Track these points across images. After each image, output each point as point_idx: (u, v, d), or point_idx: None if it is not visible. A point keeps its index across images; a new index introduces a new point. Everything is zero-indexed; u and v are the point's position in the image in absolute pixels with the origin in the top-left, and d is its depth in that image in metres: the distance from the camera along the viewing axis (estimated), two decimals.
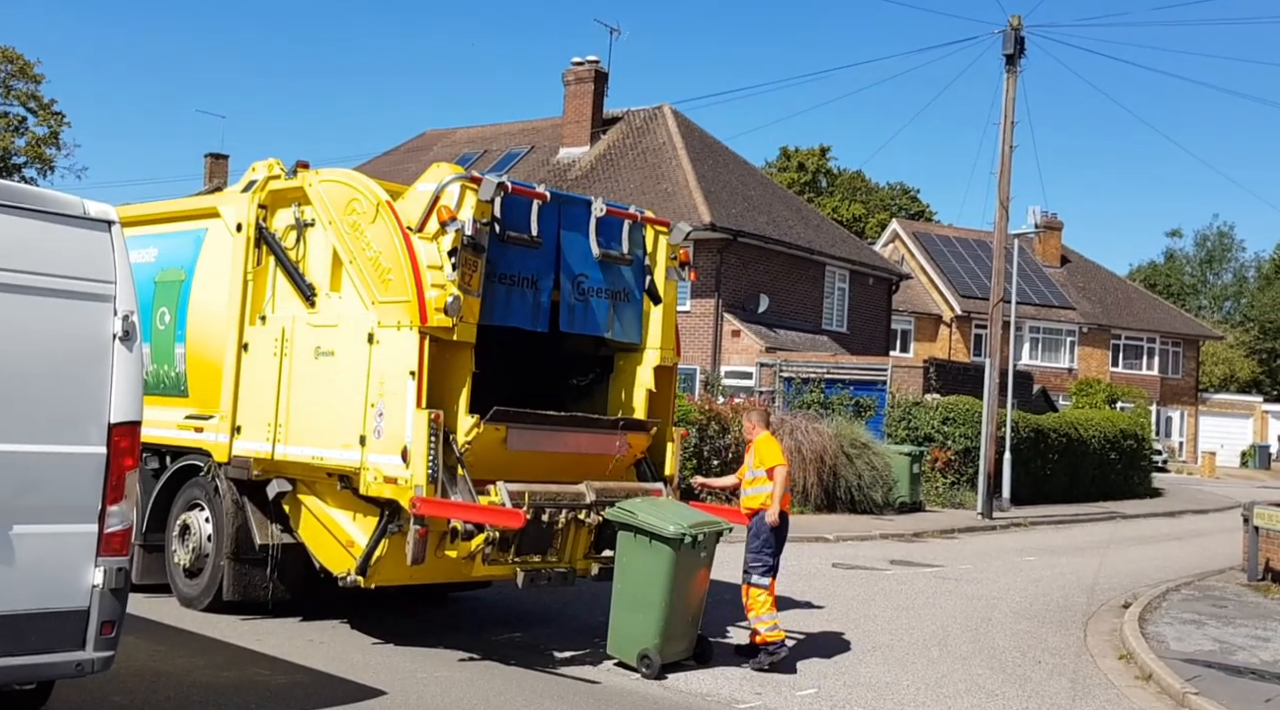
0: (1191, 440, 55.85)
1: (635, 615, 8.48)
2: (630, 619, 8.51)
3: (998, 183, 23.89)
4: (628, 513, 8.58)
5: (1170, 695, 8.75)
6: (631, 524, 8.51)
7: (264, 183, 9.65)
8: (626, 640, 8.54)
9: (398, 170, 31.03)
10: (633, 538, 8.52)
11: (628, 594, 8.55)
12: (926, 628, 11.11)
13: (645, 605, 8.43)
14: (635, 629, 8.48)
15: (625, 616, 8.55)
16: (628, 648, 8.53)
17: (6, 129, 46.54)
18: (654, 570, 8.40)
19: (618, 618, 8.60)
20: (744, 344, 28.96)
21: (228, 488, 9.49)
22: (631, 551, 8.54)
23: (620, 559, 8.66)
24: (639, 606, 8.46)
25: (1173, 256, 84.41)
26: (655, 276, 9.84)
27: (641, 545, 8.46)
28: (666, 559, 8.35)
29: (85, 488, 5.84)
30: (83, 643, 5.79)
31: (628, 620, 8.53)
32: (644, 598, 8.44)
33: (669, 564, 8.34)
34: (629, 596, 8.54)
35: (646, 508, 8.67)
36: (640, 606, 8.45)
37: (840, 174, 73.49)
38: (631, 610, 8.50)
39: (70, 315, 5.86)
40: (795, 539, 16.96)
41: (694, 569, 8.58)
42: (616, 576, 8.70)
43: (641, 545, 8.46)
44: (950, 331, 50.70)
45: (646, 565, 8.43)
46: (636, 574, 8.50)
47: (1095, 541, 20.66)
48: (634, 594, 8.51)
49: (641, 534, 8.45)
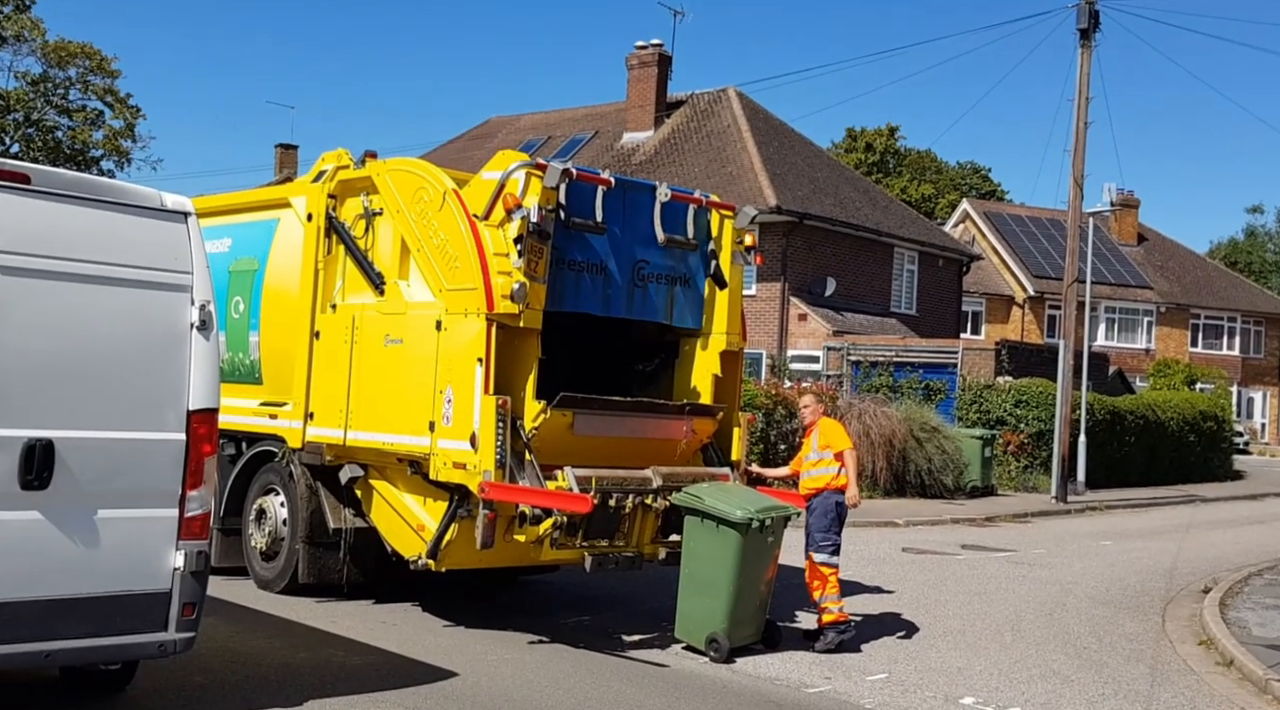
0: (1275, 422, 54.38)
1: (703, 599, 8.49)
2: (698, 603, 8.53)
3: (1071, 160, 23.41)
4: (695, 497, 8.59)
5: (1252, 682, 8.55)
6: (699, 509, 8.51)
7: (333, 173, 9.79)
8: (694, 624, 8.56)
9: (463, 158, 31.28)
10: (700, 522, 8.53)
11: (695, 578, 8.57)
12: (999, 613, 10.97)
13: (713, 589, 8.44)
14: (703, 613, 8.49)
15: (693, 601, 8.57)
16: (696, 631, 8.55)
17: (85, 123, 47.74)
18: (721, 554, 8.40)
19: (686, 602, 8.62)
20: (811, 328, 28.76)
21: (302, 473, 9.67)
22: (699, 536, 8.55)
23: (688, 543, 8.68)
24: (707, 591, 8.48)
25: (1254, 233, 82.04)
26: (721, 261, 9.80)
27: (709, 530, 8.47)
28: (734, 543, 8.34)
29: (166, 473, 5.99)
30: (165, 624, 5.95)
31: (696, 604, 8.54)
32: (711, 582, 8.45)
33: (736, 548, 8.34)
34: (697, 581, 8.56)
35: (714, 492, 8.67)
36: (708, 591, 8.47)
37: (909, 154, 72.48)
38: (699, 594, 8.52)
39: (149, 305, 6.00)
40: (864, 523, 16.91)
41: (762, 553, 8.57)
42: (684, 561, 8.72)
43: (709, 530, 8.47)
44: (1023, 313, 49.86)
45: (714, 550, 8.44)
46: (704, 558, 8.51)
47: (1173, 525, 20.22)
48: (701, 578, 8.52)
49: (709, 519, 8.45)
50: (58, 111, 47.34)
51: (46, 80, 46.60)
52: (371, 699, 6.82)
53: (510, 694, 7.23)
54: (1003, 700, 7.84)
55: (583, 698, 7.27)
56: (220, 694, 6.73)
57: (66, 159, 45.10)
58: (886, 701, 7.66)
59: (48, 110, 46.96)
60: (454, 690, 7.20)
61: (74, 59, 46.08)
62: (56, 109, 47.20)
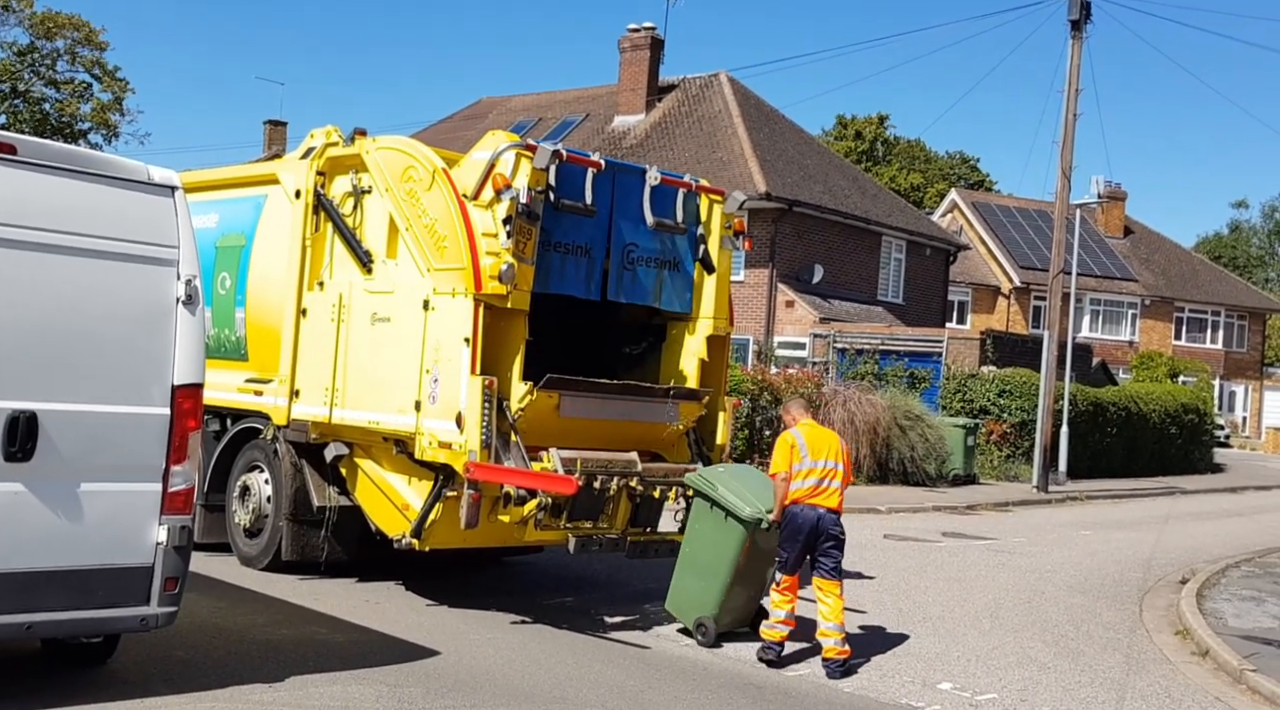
0: (1255, 415, 54.69)
1: (698, 582, 8.49)
2: (693, 584, 8.54)
3: (1060, 152, 23.47)
4: (709, 483, 8.50)
5: (1227, 672, 8.64)
6: (710, 495, 8.45)
7: (322, 150, 9.75)
8: (686, 603, 8.59)
9: (453, 138, 31.15)
10: (709, 508, 8.47)
11: (694, 559, 8.56)
12: (978, 600, 11.05)
13: (709, 574, 8.43)
14: (696, 595, 8.51)
15: (688, 581, 8.58)
16: (687, 611, 8.58)
17: (72, 95, 47.37)
18: (723, 545, 8.36)
19: (680, 579, 8.63)
20: (798, 314, 28.80)
21: (287, 450, 9.67)
22: (705, 520, 8.51)
23: (693, 524, 8.67)
24: (703, 574, 8.47)
25: (1238, 228, 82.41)
26: (709, 246, 9.81)
27: (716, 518, 8.41)
28: (737, 537, 8.29)
29: (150, 448, 5.99)
30: (147, 598, 5.97)
31: (690, 585, 8.56)
32: (709, 567, 8.44)
33: (739, 542, 8.29)
34: (695, 562, 8.55)
35: (729, 481, 8.50)
36: (704, 575, 8.46)
37: (898, 143, 72.51)
38: (695, 576, 8.52)
39: (135, 279, 5.99)
40: (847, 510, 16.80)
41: (764, 550, 8.38)
42: (686, 538, 8.74)
43: (716, 518, 8.41)
44: (1008, 303, 49.99)
45: (717, 538, 8.40)
46: (706, 543, 8.49)
47: (1153, 516, 20.37)
48: (700, 561, 8.50)
49: (718, 507, 8.39)
50: (45, 83, 46.95)
51: (34, 51, 46.20)
52: (354, 676, 6.84)
53: (492, 673, 7.26)
54: (980, 686, 7.91)
55: (564, 678, 7.31)
56: (201, 669, 6.73)
57: (54, 131, 44.78)
58: (865, 686, 7.71)
59: (35, 82, 46.56)
60: (436, 668, 7.23)
61: (62, 30, 45.70)
62: (44, 81, 46.80)
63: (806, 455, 8.07)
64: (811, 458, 8.08)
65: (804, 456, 8.06)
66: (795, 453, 8.08)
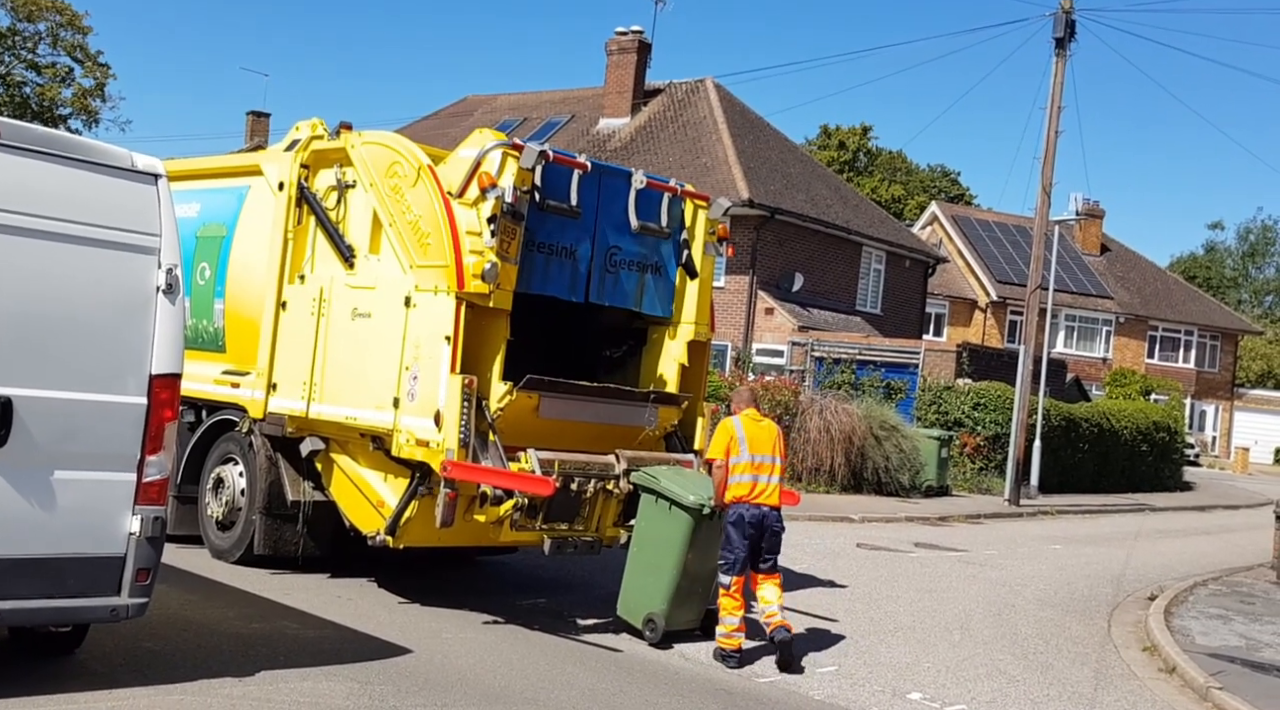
0: (1225, 435, 55.24)
1: (647, 578, 8.55)
2: (642, 582, 8.59)
3: (1041, 168, 23.62)
4: (651, 478, 8.65)
5: (1193, 689, 8.72)
6: (654, 489, 8.57)
7: (307, 142, 9.70)
8: (635, 603, 8.63)
9: (439, 135, 31.06)
10: (654, 503, 8.59)
11: (642, 557, 8.63)
12: (949, 611, 11.11)
13: (657, 570, 8.50)
14: (644, 593, 8.56)
15: (637, 579, 8.64)
16: (635, 610, 8.62)
17: (54, 79, 46.93)
18: (670, 537, 8.45)
19: (630, 580, 8.69)
20: (777, 322, 28.87)
21: (262, 444, 9.61)
22: (651, 516, 8.60)
23: (639, 523, 8.72)
24: (651, 571, 8.54)
25: (1213, 248, 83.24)
26: (693, 251, 9.83)
27: (661, 511, 8.52)
28: (683, 527, 8.40)
29: (125, 437, 5.94)
30: (118, 588, 5.91)
31: (639, 583, 8.61)
32: (657, 562, 8.51)
33: (685, 532, 8.39)
34: (643, 560, 8.61)
35: (671, 475, 8.72)
36: (652, 570, 8.53)
37: (881, 154, 72.83)
38: (644, 574, 8.58)
39: (115, 266, 5.94)
40: (820, 518, 17.03)
41: (711, 540, 8.53)
42: (634, 540, 8.77)
43: (661, 511, 8.52)
44: (985, 317, 50.29)
45: (663, 531, 8.50)
46: (653, 539, 8.57)
47: (1123, 533, 20.53)
48: (648, 558, 8.57)
49: (662, 500, 8.51)
50: (26, 66, 46.49)
51: (15, 34, 45.74)
52: (324, 672, 6.80)
53: (463, 673, 7.24)
54: (949, 697, 7.94)
55: (536, 679, 7.29)
56: (170, 661, 6.68)
57: (34, 116, 44.33)
58: (835, 694, 7.74)
59: (15, 65, 46.10)
60: (407, 667, 7.20)
61: (44, 13, 45.27)
62: (25, 64, 46.35)
63: (745, 449, 8.31)
64: (750, 452, 8.33)
65: (742, 450, 8.32)
66: (734, 445, 8.32)
